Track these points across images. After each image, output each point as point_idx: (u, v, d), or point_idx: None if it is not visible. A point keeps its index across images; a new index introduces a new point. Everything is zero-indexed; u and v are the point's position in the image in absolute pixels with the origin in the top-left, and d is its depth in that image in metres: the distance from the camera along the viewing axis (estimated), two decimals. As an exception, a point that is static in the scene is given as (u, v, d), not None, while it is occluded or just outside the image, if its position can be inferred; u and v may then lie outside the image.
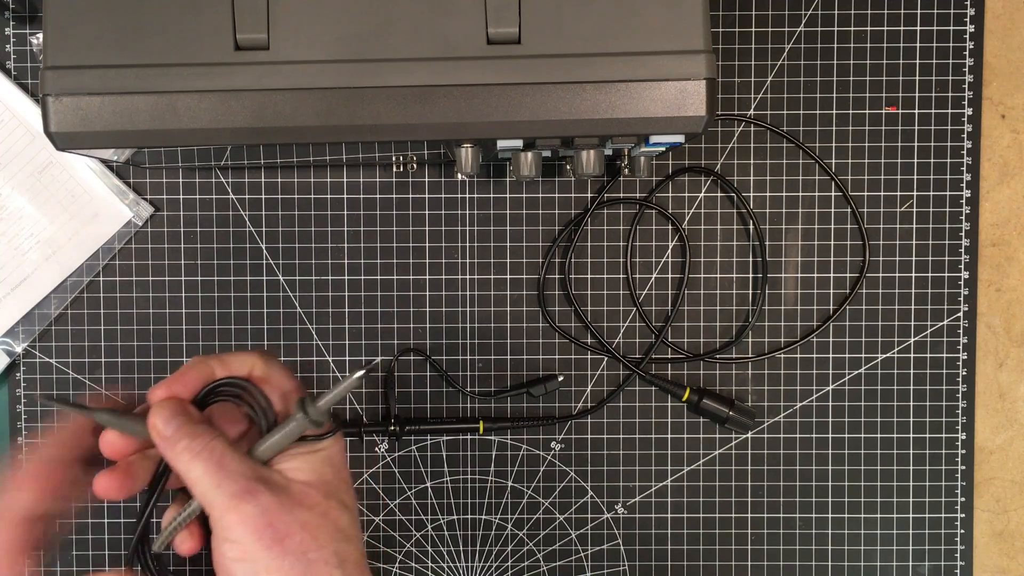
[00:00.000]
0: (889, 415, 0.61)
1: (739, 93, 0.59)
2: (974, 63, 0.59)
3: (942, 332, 0.60)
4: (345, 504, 0.39)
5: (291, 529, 0.36)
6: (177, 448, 0.37)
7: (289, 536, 0.36)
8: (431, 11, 0.41)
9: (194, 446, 0.37)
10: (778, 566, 0.61)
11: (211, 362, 0.39)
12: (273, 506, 0.36)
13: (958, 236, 0.60)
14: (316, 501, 0.38)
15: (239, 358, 0.40)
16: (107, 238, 0.59)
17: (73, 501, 0.41)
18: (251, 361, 0.40)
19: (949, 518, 0.61)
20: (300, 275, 0.60)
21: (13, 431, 0.60)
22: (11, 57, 0.58)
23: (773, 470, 0.61)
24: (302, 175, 0.59)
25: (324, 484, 0.39)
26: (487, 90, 0.41)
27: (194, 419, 0.38)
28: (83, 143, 0.41)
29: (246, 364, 0.40)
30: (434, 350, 0.60)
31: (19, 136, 0.58)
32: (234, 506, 0.36)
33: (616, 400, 0.61)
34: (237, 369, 0.40)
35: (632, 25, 0.41)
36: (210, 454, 0.37)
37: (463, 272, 0.60)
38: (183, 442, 0.37)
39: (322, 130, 0.41)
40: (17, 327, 0.59)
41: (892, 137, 0.60)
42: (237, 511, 0.36)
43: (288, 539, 0.36)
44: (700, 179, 0.60)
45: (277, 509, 0.36)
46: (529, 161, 0.47)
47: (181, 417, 0.38)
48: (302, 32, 0.41)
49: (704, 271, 0.60)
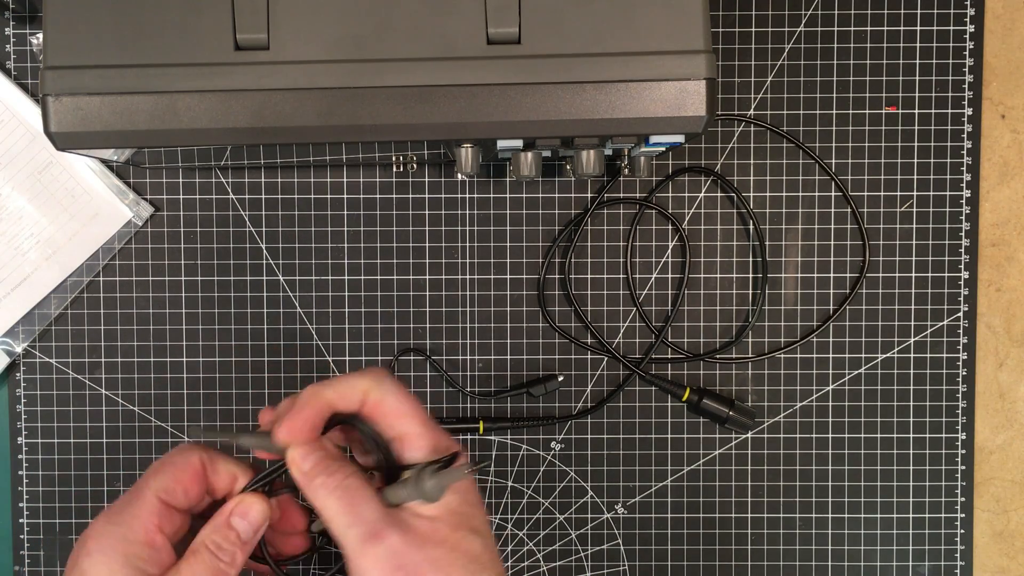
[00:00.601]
0: (889, 415, 0.61)
1: (739, 93, 0.59)
2: (974, 63, 0.59)
3: (942, 332, 0.60)
4: (476, 530, 0.39)
5: (420, 568, 0.37)
6: (314, 484, 0.38)
7: (420, 575, 0.37)
8: (431, 11, 0.41)
9: (329, 483, 0.38)
10: (778, 566, 0.61)
11: (326, 393, 0.39)
12: (401, 547, 0.37)
13: (958, 236, 0.60)
14: (444, 536, 0.38)
15: (352, 384, 0.40)
16: (107, 238, 0.59)
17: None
18: (364, 386, 0.40)
19: (949, 518, 0.61)
20: (300, 275, 0.60)
21: (13, 431, 0.60)
22: (11, 57, 0.58)
23: (773, 470, 0.61)
24: (302, 175, 0.59)
25: (451, 515, 0.39)
26: (487, 90, 0.41)
27: (331, 454, 0.39)
28: (83, 143, 0.41)
29: (359, 390, 0.40)
30: (434, 350, 0.60)
31: (19, 136, 0.58)
32: (365, 550, 0.37)
33: (616, 400, 0.61)
34: (350, 397, 0.40)
35: (632, 25, 0.41)
36: (343, 493, 0.38)
37: (463, 272, 0.60)
38: (320, 479, 0.38)
39: (322, 130, 0.41)
40: (17, 327, 0.59)
41: (892, 137, 0.60)
42: (367, 555, 0.37)
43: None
44: (700, 179, 0.60)
45: (406, 549, 0.37)
46: (529, 161, 0.47)
47: (319, 453, 0.39)
48: (302, 32, 0.41)
49: (704, 271, 0.60)
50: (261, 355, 0.60)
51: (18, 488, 0.60)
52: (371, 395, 0.40)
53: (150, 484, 0.39)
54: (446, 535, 0.38)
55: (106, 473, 0.60)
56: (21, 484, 0.60)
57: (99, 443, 0.60)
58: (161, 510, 0.39)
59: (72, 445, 0.60)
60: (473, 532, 0.39)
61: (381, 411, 0.40)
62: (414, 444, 0.40)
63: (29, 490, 0.60)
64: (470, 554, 0.38)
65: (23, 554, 0.60)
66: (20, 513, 0.60)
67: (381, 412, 0.40)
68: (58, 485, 0.60)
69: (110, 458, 0.60)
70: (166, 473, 0.39)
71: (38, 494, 0.60)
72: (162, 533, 0.38)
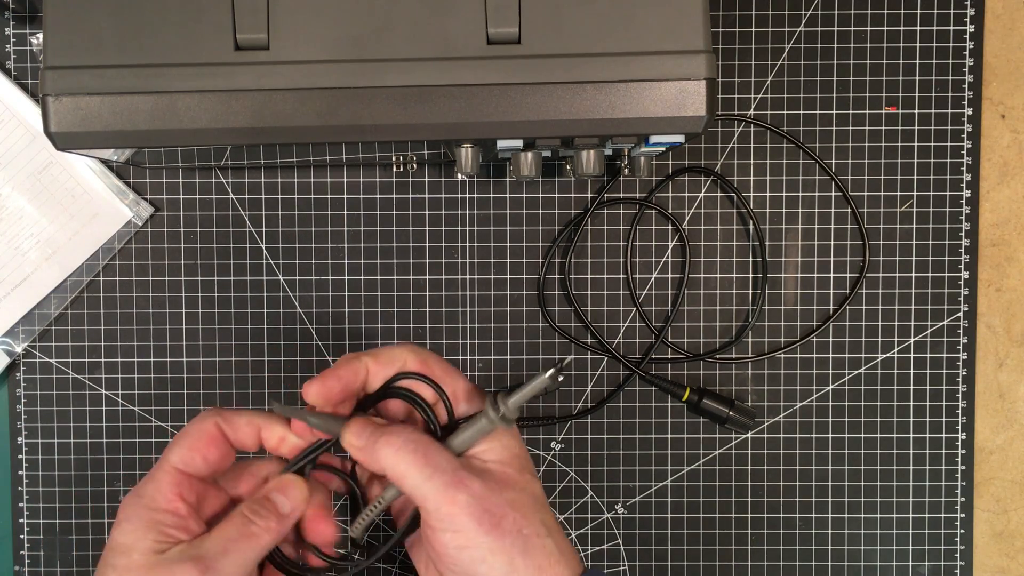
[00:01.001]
0: (889, 415, 0.61)
1: (739, 93, 0.59)
2: (974, 63, 0.59)
3: (942, 332, 0.60)
4: (534, 473, 0.41)
5: (503, 510, 0.38)
6: (378, 447, 0.39)
7: (504, 517, 0.38)
8: (431, 11, 0.41)
9: (396, 442, 0.39)
10: (778, 566, 0.61)
11: (363, 359, 0.41)
12: (484, 492, 0.38)
13: (958, 236, 0.60)
14: (515, 479, 0.40)
15: (391, 352, 0.41)
16: (107, 238, 0.59)
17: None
18: (403, 356, 0.41)
19: (949, 518, 0.61)
20: (300, 275, 0.60)
21: (13, 431, 0.60)
22: (11, 57, 0.58)
23: (773, 470, 0.61)
24: (302, 175, 0.59)
25: (515, 459, 0.40)
26: (487, 90, 0.41)
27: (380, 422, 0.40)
28: (83, 143, 0.41)
29: (398, 359, 0.41)
30: (434, 350, 0.60)
31: (19, 136, 0.58)
32: (450, 497, 0.38)
33: (616, 400, 0.61)
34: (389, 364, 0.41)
35: (632, 25, 0.41)
36: (415, 447, 0.39)
37: (463, 272, 0.60)
38: (383, 439, 0.39)
39: (322, 130, 0.41)
40: (17, 327, 0.59)
41: (892, 137, 0.60)
42: (454, 502, 0.38)
43: (504, 520, 0.38)
44: (700, 179, 0.60)
45: (488, 494, 0.38)
46: (529, 161, 0.47)
47: (371, 427, 0.40)
48: (302, 32, 0.41)
49: (704, 271, 0.60)
50: (261, 355, 0.60)
51: (18, 488, 0.60)
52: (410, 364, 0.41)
53: (168, 457, 0.40)
54: (516, 478, 0.40)
55: (106, 473, 0.60)
56: (21, 484, 0.60)
57: (99, 443, 0.60)
58: (180, 480, 0.40)
59: (72, 445, 0.60)
60: (533, 475, 0.41)
61: (429, 371, 0.41)
62: (466, 398, 0.42)
63: (29, 490, 0.60)
64: (536, 494, 0.40)
65: (23, 554, 0.60)
66: (20, 513, 0.60)
67: (430, 372, 0.41)
68: (58, 485, 0.60)
69: (110, 458, 0.60)
70: (182, 445, 0.40)
71: (38, 494, 0.60)
72: (184, 501, 0.39)
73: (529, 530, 0.38)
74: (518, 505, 0.39)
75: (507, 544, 0.38)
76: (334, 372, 0.40)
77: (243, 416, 0.41)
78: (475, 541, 0.38)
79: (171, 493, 0.39)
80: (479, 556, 0.38)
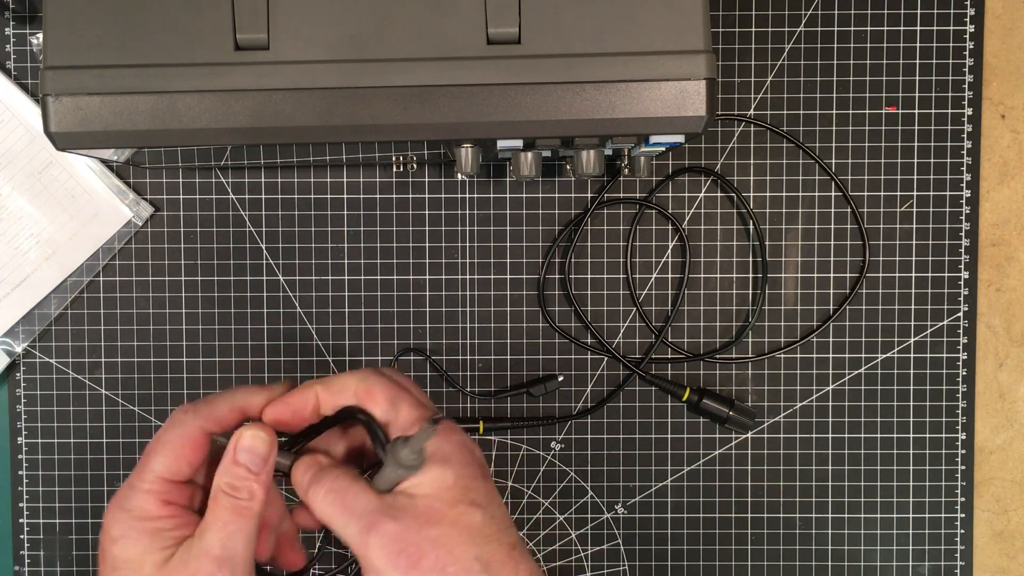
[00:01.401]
0: (889, 415, 0.61)
1: (739, 93, 0.59)
2: (974, 63, 0.59)
3: (942, 332, 0.60)
4: (475, 503, 0.38)
5: (423, 549, 0.37)
6: (309, 495, 0.39)
7: (423, 556, 0.36)
8: (431, 11, 0.41)
9: (320, 489, 0.39)
10: (778, 566, 0.61)
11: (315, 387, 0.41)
12: (399, 531, 0.37)
13: (958, 236, 0.60)
14: (442, 513, 0.38)
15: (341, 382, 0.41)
16: (107, 238, 0.59)
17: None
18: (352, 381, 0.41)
19: (949, 518, 0.61)
20: (300, 275, 0.60)
21: (13, 431, 0.60)
22: (11, 57, 0.58)
23: (773, 470, 0.61)
24: (302, 175, 0.59)
25: (446, 491, 0.38)
26: (487, 90, 0.41)
27: (323, 463, 0.40)
28: (83, 143, 0.41)
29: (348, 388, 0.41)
30: (434, 350, 0.60)
31: (19, 136, 0.58)
32: (364, 541, 0.37)
33: (616, 400, 0.61)
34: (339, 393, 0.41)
35: (632, 25, 0.41)
36: (334, 495, 0.38)
37: (463, 272, 0.60)
38: (312, 488, 0.39)
39: (322, 130, 0.41)
40: (17, 327, 0.59)
41: (892, 137, 0.60)
42: (368, 545, 0.37)
43: (423, 559, 0.36)
44: (700, 179, 0.60)
45: (404, 533, 0.37)
46: (529, 161, 0.47)
47: (315, 468, 0.40)
48: (302, 32, 0.41)
49: (704, 271, 0.60)
50: (261, 355, 0.60)
51: (18, 488, 0.60)
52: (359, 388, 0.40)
53: (151, 467, 0.39)
54: (444, 512, 0.38)
55: (106, 473, 0.60)
56: (21, 484, 0.60)
57: (99, 443, 0.60)
58: (167, 488, 0.39)
59: (72, 445, 0.60)
60: (473, 505, 0.38)
61: (372, 400, 0.40)
62: (406, 427, 0.40)
63: (29, 490, 0.60)
64: (471, 528, 0.38)
65: (23, 554, 0.60)
66: (20, 513, 0.60)
67: (373, 402, 0.40)
68: (58, 485, 0.60)
69: (110, 458, 0.60)
70: (165, 455, 0.40)
71: (38, 494, 0.60)
72: (172, 504, 0.39)
73: (456, 567, 0.36)
74: (443, 541, 0.37)
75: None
76: (285, 399, 0.41)
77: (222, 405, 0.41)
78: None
79: (159, 501, 0.39)
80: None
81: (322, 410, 0.41)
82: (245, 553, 0.39)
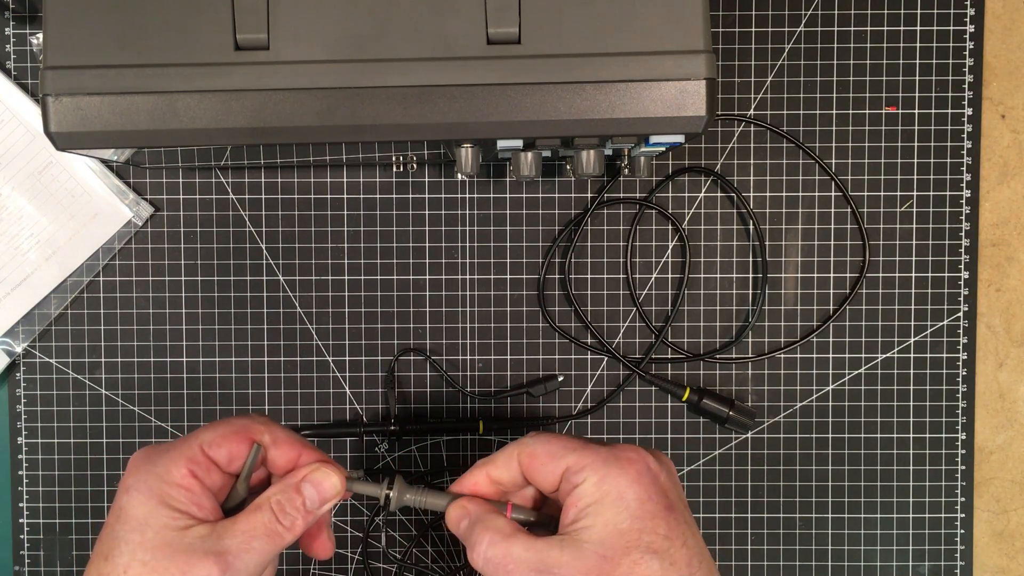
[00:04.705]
0: (889, 415, 0.61)
1: (739, 93, 0.59)
2: (974, 63, 0.59)
3: (942, 332, 0.60)
4: (651, 548, 0.35)
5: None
6: (470, 548, 0.38)
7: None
8: (431, 11, 0.41)
9: (479, 548, 0.37)
10: (778, 566, 0.61)
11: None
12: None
13: (958, 236, 0.60)
14: (614, 562, 0.35)
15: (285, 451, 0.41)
16: (107, 238, 0.59)
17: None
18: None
19: (949, 518, 0.61)
20: (300, 275, 0.60)
21: (13, 431, 0.60)
22: (11, 57, 0.58)
23: (773, 470, 0.61)
24: (302, 175, 0.59)
25: (619, 536, 0.35)
26: (487, 90, 0.41)
27: (474, 515, 0.39)
28: (83, 143, 0.41)
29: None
30: (434, 350, 0.60)
31: (19, 136, 0.58)
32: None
33: (616, 400, 0.61)
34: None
35: (632, 25, 0.41)
36: (495, 561, 0.37)
37: (463, 272, 0.60)
38: (470, 541, 0.38)
39: (322, 130, 0.41)
40: (17, 327, 0.59)
41: (892, 137, 0.60)
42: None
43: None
44: (700, 179, 0.60)
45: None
46: (529, 161, 0.47)
47: (467, 518, 0.39)
48: (302, 32, 0.41)
49: (704, 271, 0.60)
50: (261, 355, 0.60)
51: (18, 488, 0.60)
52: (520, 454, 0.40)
53: (199, 435, 0.39)
54: (616, 560, 0.35)
55: (106, 473, 0.60)
56: (21, 484, 0.60)
57: (99, 443, 0.60)
58: (199, 459, 0.39)
59: (72, 445, 0.60)
60: (648, 552, 0.35)
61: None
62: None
63: (29, 490, 0.60)
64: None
65: (23, 554, 0.60)
66: (20, 513, 0.60)
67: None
68: (58, 485, 0.60)
69: (110, 458, 0.60)
70: (216, 429, 0.40)
71: (38, 494, 0.60)
72: (197, 480, 0.38)
73: None
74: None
75: None
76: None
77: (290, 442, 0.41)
78: None
79: (187, 470, 0.38)
80: None
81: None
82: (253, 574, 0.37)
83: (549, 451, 0.38)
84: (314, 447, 0.41)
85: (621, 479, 0.36)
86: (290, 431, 0.41)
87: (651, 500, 0.36)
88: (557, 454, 0.38)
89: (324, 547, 0.43)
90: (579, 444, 0.38)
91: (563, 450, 0.38)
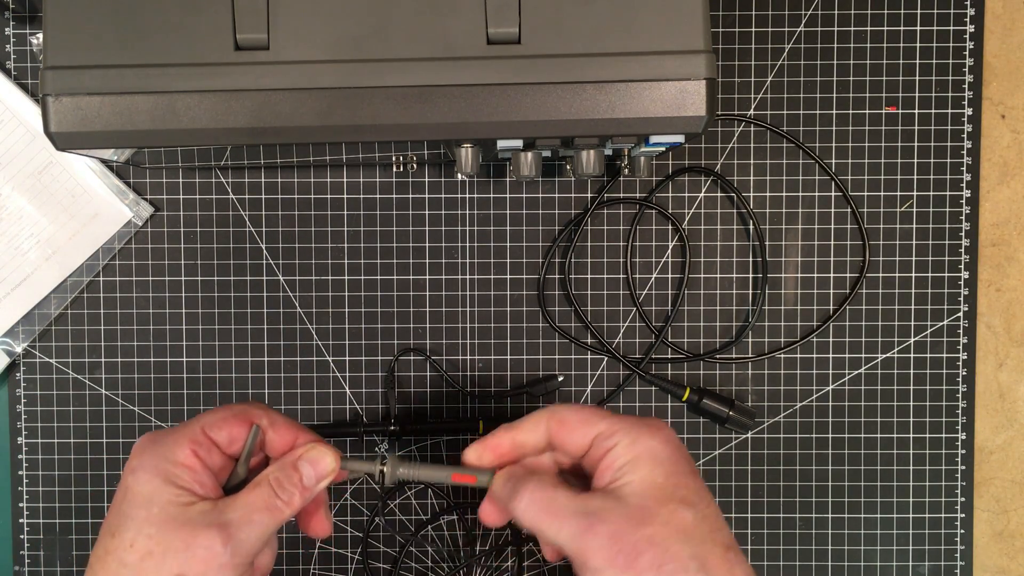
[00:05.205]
0: (889, 415, 0.61)
1: (739, 93, 0.59)
2: (974, 63, 0.59)
3: (942, 332, 0.60)
4: (685, 501, 0.38)
5: (639, 547, 0.37)
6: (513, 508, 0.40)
7: (640, 554, 0.37)
8: (431, 11, 0.41)
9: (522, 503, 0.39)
10: (778, 566, 0.61)
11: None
12: (614, 532, 0.37)
13: (958, 236, 0.60)
14: (654, 511, 0.38)
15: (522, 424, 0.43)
16: (107, 238, 0.59)
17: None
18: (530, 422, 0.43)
19: (949, 518, 0.61)
20: (300, 275, 0.60)
21: (13, 431, 0.60)
22: (11, 57, 0.58)
23: (773, 470, 0.61)
24: (302, 175, 0.59)
25: (656, 489, 0.38)
26: (487, 90, 0.41)
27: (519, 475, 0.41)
28: (83, 143, 0.41)
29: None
30: (434, 350, 0.60)
31: (19, 136, 0.58)
32: (581, 544, 0.37)
33: (616, 400, 0.61)
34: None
35: (632, 25, 0.41)
36: (540, 504, 0.39)
37: (463, 272, 0.60)
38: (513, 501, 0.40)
39: (322, 130, 0.41)
40: (17, 327, 0.59)
41: (892, 137, 0.60)
42: (585, 548, 0.37)
43: (640, 558, 0.37)
44: (700, 179, 0.60)
45: (619, 533, 0.37)
46: (529, 161, 0.47)
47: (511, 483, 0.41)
48: (302, 32, 0.41)
49: (704, 271, 0.60)
50: (261, 355, 0.60)
51: (18, 488, 0.60)
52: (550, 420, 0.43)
53: (200, 418, 0.41)
54: (655, 510, 0.38)
55: (106, 473, 0.60)
56: (21, 484, 0.60)
57: (99, 443, 0.60)
58: (201, 440, 0.40)
59: (72, 445, 0.60)
60: (683, 503, 0.38)
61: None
62: None
63: (29, 490, 0.60)
64: (683, 527, 0.38)
65: (23, 554, 0.60)
66: (20, 513, 0.60)
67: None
68: (58, 485, 0.60)
69: (110, 458, 0.60)
70: (217, 413, 0.41)
71: (38, 494, 0.60)
72: (200, 459, 0.40)
73: (672, 565, 0.37)
74: (657, 540, 0.37)
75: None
76: None
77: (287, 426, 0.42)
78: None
79: (190, 450, 0.40)
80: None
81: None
82: (253, 546, 0.39)
83: (581, 417, 0.41)
84: (310, 430, 0.43)
85: (653, 440, 0.40)
86: (287, 416, 0.43)
87: (682, 460, 0.40)
88: (589, 420, 0.41)
89: (321, 525, 0.45)
90: (607, 412, 0.41)
91: (594, 416, 0.41)
